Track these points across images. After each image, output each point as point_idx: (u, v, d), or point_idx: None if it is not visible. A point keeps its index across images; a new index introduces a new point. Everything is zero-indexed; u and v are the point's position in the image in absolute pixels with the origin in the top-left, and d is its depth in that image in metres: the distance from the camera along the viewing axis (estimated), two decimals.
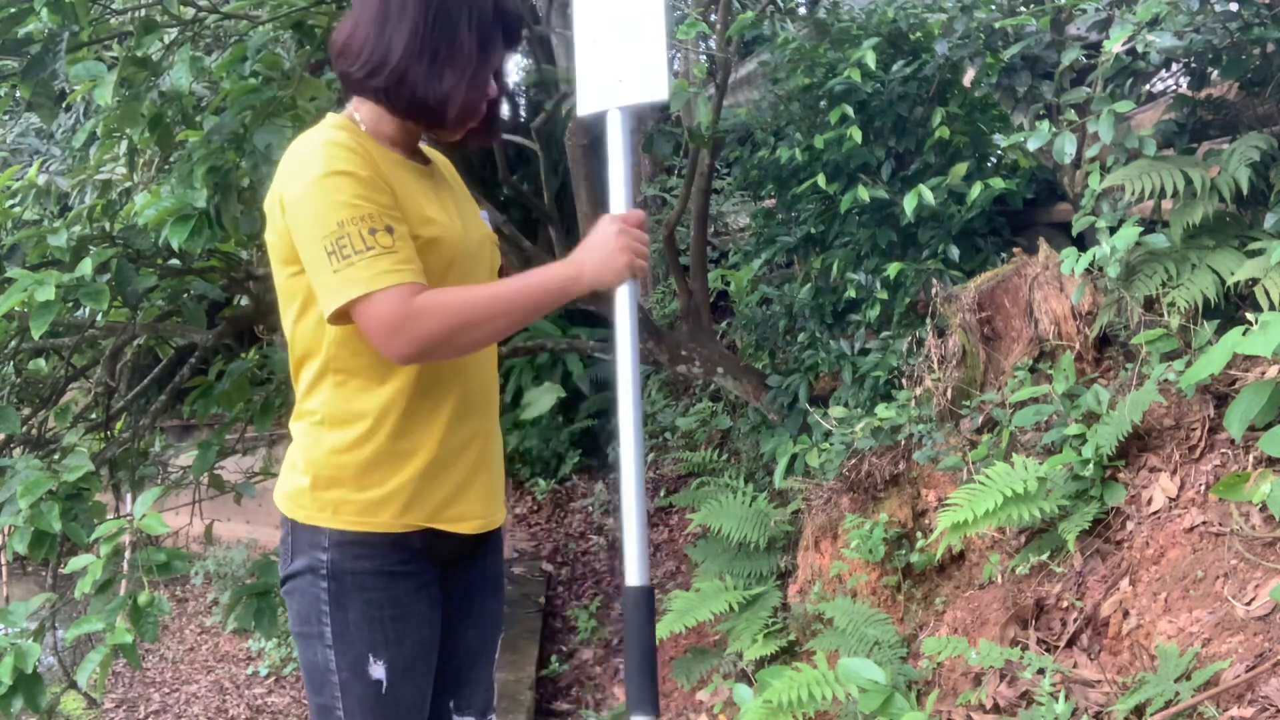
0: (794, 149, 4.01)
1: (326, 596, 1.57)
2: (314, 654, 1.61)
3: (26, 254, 3.17)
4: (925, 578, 3.17)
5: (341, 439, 1.57)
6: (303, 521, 1.59)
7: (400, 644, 1.61)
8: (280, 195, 1.53)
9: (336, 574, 1.57)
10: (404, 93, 1.59)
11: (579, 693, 4.59)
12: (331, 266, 1.46)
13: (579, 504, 6.66)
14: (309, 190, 1.48)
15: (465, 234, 1.67)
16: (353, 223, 1.46)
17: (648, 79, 1.71)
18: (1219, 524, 2.38)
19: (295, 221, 1.50)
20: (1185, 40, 2.91)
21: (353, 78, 1.60)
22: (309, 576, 1.59)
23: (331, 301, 1.47)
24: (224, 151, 3.01)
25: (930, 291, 3.51)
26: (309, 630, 1.61)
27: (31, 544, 2.81)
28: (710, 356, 4.54)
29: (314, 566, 1.58)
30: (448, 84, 1.60)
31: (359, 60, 1.59)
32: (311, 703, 1.65)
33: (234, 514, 4.93)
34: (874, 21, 4.10)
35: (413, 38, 1.58)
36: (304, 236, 1.49)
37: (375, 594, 1.58)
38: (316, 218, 1.47)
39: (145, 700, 6.40)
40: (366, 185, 1.49)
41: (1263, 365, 2.56)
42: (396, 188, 1.55)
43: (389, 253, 1.47)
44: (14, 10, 2.75)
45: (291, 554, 1.62)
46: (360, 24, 1.60)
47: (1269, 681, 1.95)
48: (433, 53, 1.59)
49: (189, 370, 3.69)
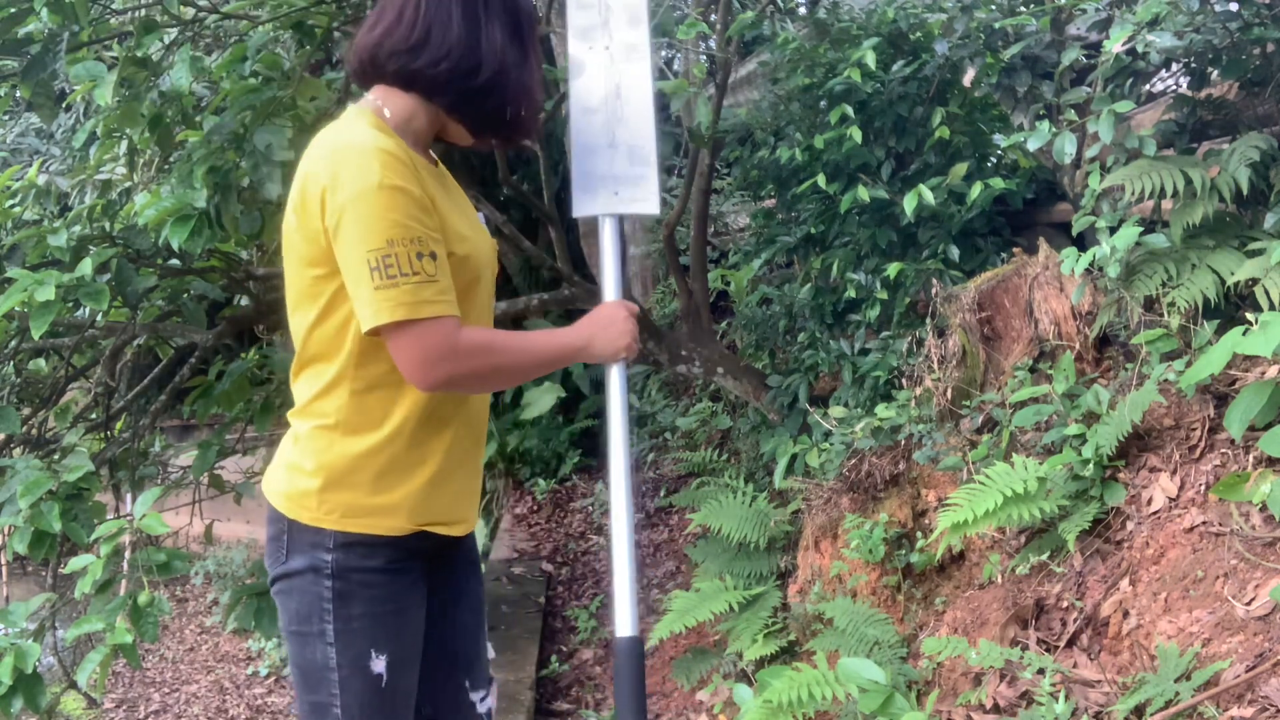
0: (794, 149, 4.01)
1: (330, 595, 1.58)
2: (312, 652, 1.61)
3: (26, 254, 3.17)
4: (925, 578, 3.17)
5: (358, 445, 1.59)
6: (306, 523, 1.59)
7: (400, 638, 1.64)
8: (321, 194, 1.49)
9: (341, 573, 1.58)
10: (493, 99, 1.60)
11: (579, 693, 4.59)
12: (373, 283, 1.46)
13: (579, 504, 6.66)
14: (361, 200, 1.46)
15: (487, 247, 1.71)
16: (401, 243, 1.46)
17: (641, 195, 1.90)
18: (1219, 524, 2.38)
19: (339, 227, 1.48)
20: (1185, 40, 2.91)
21: (426, 75, 1.56)
22: (310, 575, 1.59)
23: (372, 318, 1.47)
24: (224, 151, 3.00)
25: (930, 291, 3.51)
26: (307, 629, 1.61)
27: (31, 544, 2.81)
28: (710, 356, 4.54)
29: (316, 566, 1.59)
30: (534, 91, 1.63)
31: (446, 59, 1.56)
32: (303, 702, 1.65)
33: (234, 514, 4.93)
34: (874, 21, 4.10)
35: (510, 41, 1.59)
36: (348, 244, 1.48)
37: (378, 590, 1.61)
38: (367, 230, 1.46)
39: (145, 700, 6.40)
40: (417, 205, 1.50)
41: (1263, 365, 2.56)
42: (435, 202, 1.56)
43: (431, 281, 1.48)
44: (14, 10, 2.75)
45: (287, 553, 1.62)
46: (433, 21, 1.56)
47: (1269, 681, 1.95)
48: (523, 57, 1.61)
49: (189, 370, 3.69)
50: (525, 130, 1.67)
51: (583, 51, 1.96)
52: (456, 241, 1.58)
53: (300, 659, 1.64)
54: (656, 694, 4.11)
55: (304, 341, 1.62)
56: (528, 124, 1.66)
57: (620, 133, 1.91)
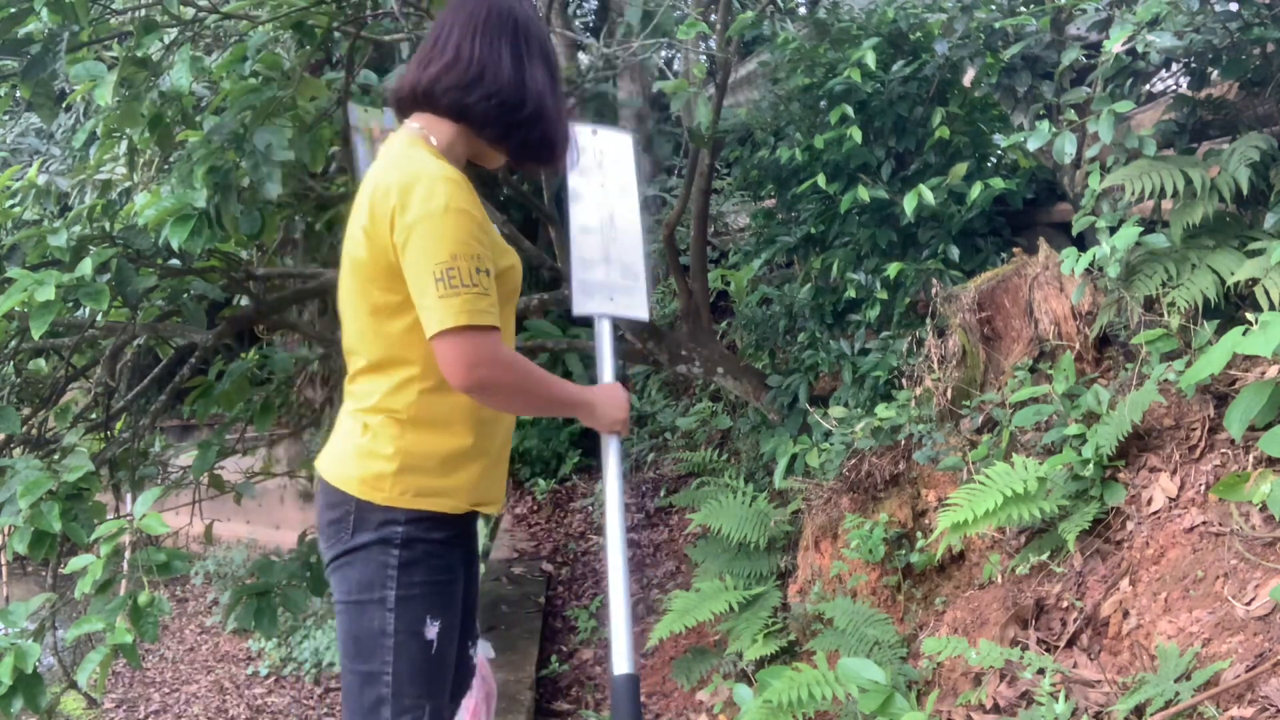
0: (794, 149, 4.01)
1: (396, 563, 1.78)
2: (369, 620, 1.78)
3: (26, 254, 3.17)
4: (925, 578, 3.17)
5: (431, 435, 1.81)
6: (379, 502, 1.78)
7: (450, 607, 1.85)
8: (391, 214, 1.69)
9: (408, 543, 1.79)
10: (535, 130, 1.82)
11: (579, 693, 4.59)
12: (438, 292, 1.66)
13: (579, 504, 6.66)
14: (429, 220, 1.67)
15: (519, 260, 1.93)
16: (463, 258, 1.67)
17: (633, 302, 2.22)
18: (1219, 524, 2.38)
19: (407, 243, 1.68)
20: (1185, 40, 2.91)
21: (479, 109, 1.77)
22: (378, 547, 1.78)
23: (437, 324, 1.67)
24: (224, 151, 3.01)
25: (930, 291, 3.51)
26: (369, 596, 1.78)
27: (31, 544, 2.81)
28: (710, 356, 4.54)
29: (386, 538, 1.78)
30: (566, 122, 1.85)
31: (497, 95, 1.77)
32: (354, 673, 1.81)
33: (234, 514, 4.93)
34: (874, 21, 4.10)
35: (548, 79, 1.81)
36: (415, 258, 1.68)
37: (437, 561, 1.82)
38: (435, 246, 1.67)
39: (145, 700, 6.40)
40: (478, 226, 1.72)
41: (1263, 365, 2.56)
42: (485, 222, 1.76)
43: (485, 294, 1.70)
44: (14, 10, 2.75)
45: (353, 529, 1.80)
46: (486, 61, 1.76)
47: (1269, 681, 1.95)
48: (555, 93, 1.81)
49: (189, 370, 3.69)
50: (559, 156, 1.89)
51: (582, 185, 2.28)
52: (501, 254, 1.81)
53: (356, 628, 1.80)
54: (656, 694, 4.11)
55: (372, 346, 1.81)
56: (561, 151, 1.88)
57: (614, 250, 2.24)
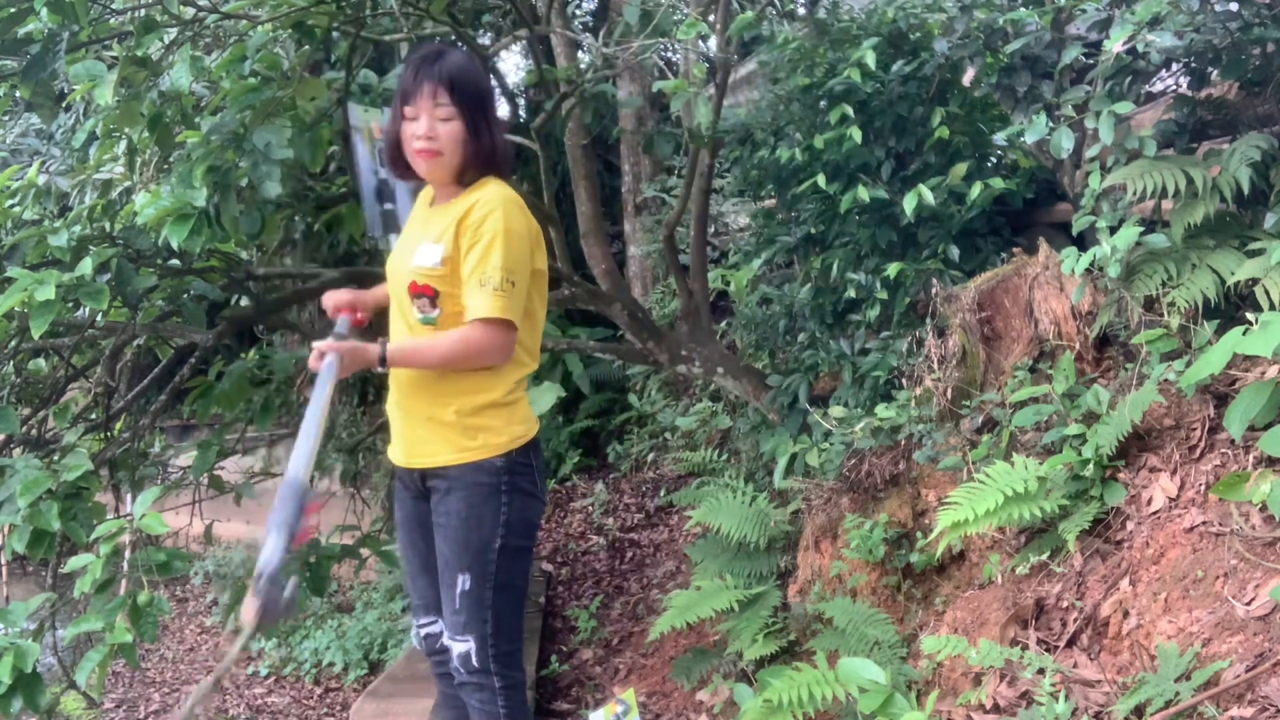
0: (794, 149, 4.01)
1: (506, 488, 2.31)
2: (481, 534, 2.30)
3: (26, 254, 3.17)
4: (925, 578, 3.17)
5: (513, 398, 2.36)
6: (492, 456, 2.31)
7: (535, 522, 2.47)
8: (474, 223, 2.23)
9: (512, 470, 2.33)
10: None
11: (579, 693, 4.59)
12: (493, 287, 2.20)
13: (579, 504, 6.67)
14: (496, 232, 2.21)
15: None
16: (514, 270, 2.23)
17: None
18: (1219, 524, 2.38)
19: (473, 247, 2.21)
20: (1185, 40, 2.91)
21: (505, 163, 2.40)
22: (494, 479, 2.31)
23: (485, 310, 2.20)
24: (223, 151, 3.01)
25: (930, 291, 3.51)
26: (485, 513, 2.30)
27: (30, 543, 2.81)
28: (710, 356, 4.54)
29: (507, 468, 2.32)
30: None
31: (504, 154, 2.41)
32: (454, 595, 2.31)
33: (234, 514, 4.93)
34: (874, 21, 4.10)
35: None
36: (479, 258, 2.21)
37: (524, 479, 2.36)
38: (499, 254, 2.21)
39: (145, 700, 6.41)
40: (527, 244, 2.28)
41: (1263, 365, 2.56)
42: None
43: (519, 300, 2.26)
44: (14, 10, 2.75)
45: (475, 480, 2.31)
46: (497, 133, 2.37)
47: (1269, 681, 1.95)
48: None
49: (189, 370, 3.69)
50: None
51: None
52: (541, 259, 2.34)
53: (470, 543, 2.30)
54: (657, 694, 4.11)
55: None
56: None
57: None
